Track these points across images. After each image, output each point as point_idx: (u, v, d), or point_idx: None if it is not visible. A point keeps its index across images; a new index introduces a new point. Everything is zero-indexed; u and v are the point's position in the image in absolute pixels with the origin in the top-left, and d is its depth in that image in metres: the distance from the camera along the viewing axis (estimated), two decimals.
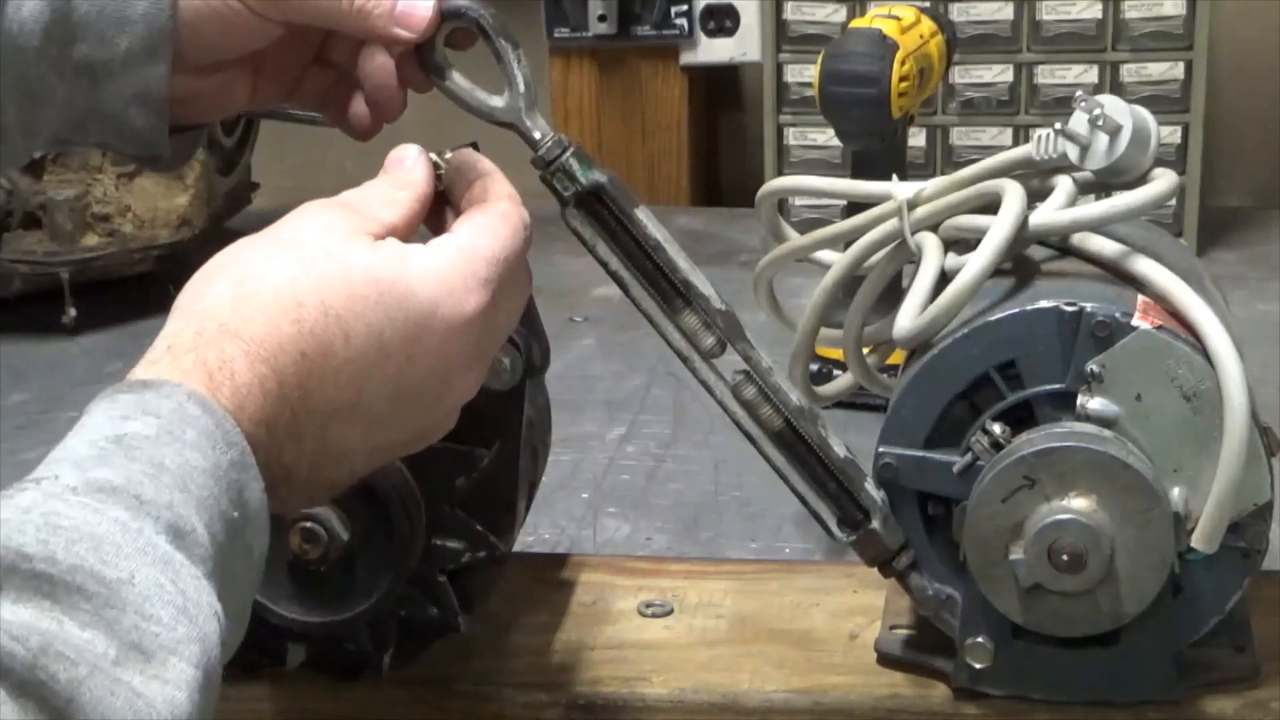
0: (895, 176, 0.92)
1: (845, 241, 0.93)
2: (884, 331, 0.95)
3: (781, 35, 1.83)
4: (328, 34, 0.79)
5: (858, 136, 1.34)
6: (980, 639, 0.83)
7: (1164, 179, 0.84)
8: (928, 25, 1.40)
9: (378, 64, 0.77)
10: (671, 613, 0.94)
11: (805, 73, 1.80)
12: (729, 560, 1.12)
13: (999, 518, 0.79)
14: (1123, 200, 0.83)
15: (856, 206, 0.94)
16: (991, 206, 0.85)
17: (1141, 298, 0.81)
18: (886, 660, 0.88)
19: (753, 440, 0.81)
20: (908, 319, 0.83)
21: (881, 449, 0.83)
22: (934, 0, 1.73)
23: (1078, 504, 0.78)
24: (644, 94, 2.09)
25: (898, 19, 1.36)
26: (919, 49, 1.35)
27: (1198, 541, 0.79)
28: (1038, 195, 0.87)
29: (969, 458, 0.81)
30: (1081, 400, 0.80)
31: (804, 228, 1.02)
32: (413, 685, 0.88)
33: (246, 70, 0.80)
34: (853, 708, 0.86)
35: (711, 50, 2.05)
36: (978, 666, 0.83)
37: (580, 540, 1.22)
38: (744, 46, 2.03)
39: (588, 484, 1.32)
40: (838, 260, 0.93)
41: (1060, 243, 0.87)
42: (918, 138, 1.80)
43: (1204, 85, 1.76)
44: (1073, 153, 0.85)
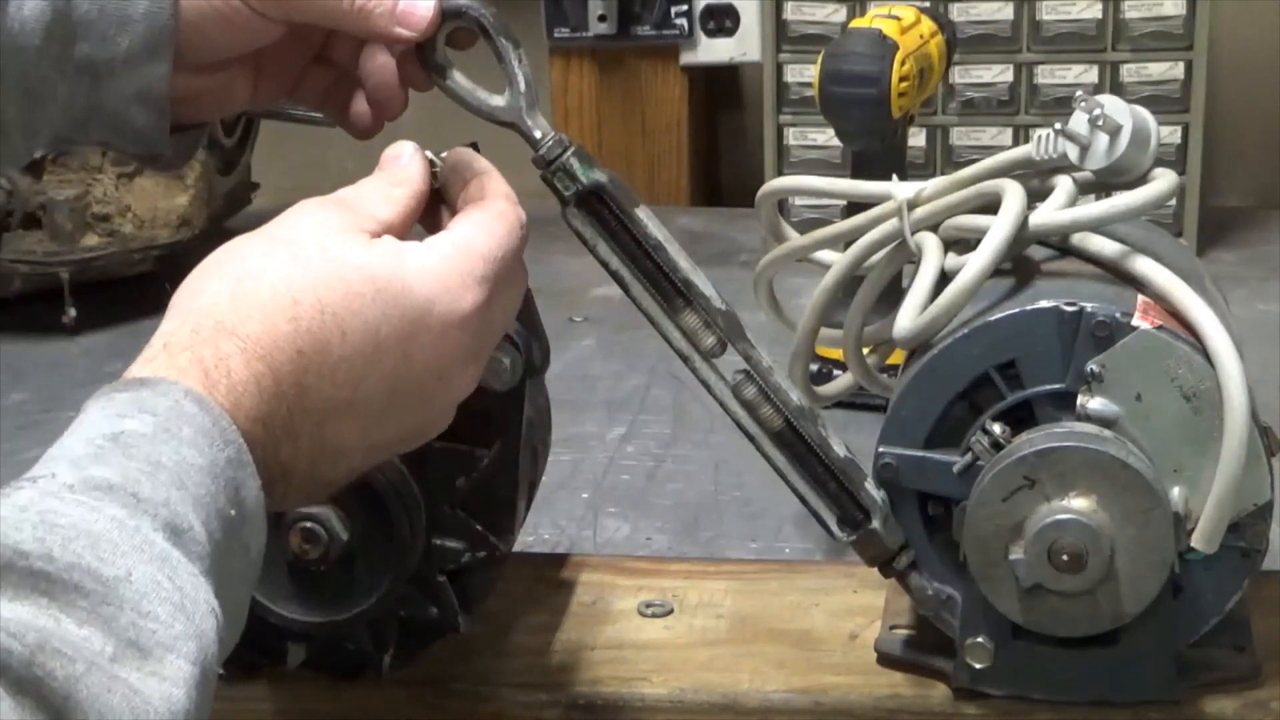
0: (895, 176, 0.92)
1: (845, 241, 0.93)
2: (884, 331, 0.95)
3: (781, 35, 1.83)
4: (329, 33, 0.79)
5: (858, 136, 1.34)
6: (980, 639, 0.83)
7: (1164, 179, 0.84)
8: (928, 25, 1.40)
9: (379, 63, 0.77)
10: (671, 613, 0.94)
11: (805, 73, 1.80)
12: (729, 560, 1.12)
13: (999, 518, 0.79)
14: (1123, 200, 0.83)
15: (856, 206, 0.94)
16: (991, 206, 0.85)
17: (1141, 298, 0.81)
18: (886, 660, 0.88)
19: (753, 440, 0.81)
20: (908, 319, 0.83)
21: (881, 449, 0.83)
22: (934, 0, 1.73)
23: (1078, 504, 0.78)
24: (644, 94, 2.09)
25: (898, 19, 1.36)
26: (919, 49, 1.35)
27: (1198, 541, 0.79)
28: (1038, 195, 0.87)
29: (969, 458, 0.81)
30: (1081, 400, 0.80)
31: (804, 228, 1.02)
32: (413, 685, 0.88)
33: (248, 69, 0.80)
34: (853, 708, 0.86)
35: (711, 50, 2.05)
36: (978, 666, 0.83)
37: (580, 540, 1.22)
38: (744, 46, 2.03)
39: (588, 484, 1.32)
40: (838, 260, 0.93)
41: (1060, 243, 0.86)
42: (918, 138, 1.80)
43: (1204, 85, 1.77)
44: (1073, 153, 0.85)
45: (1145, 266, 0.82)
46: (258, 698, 0.88)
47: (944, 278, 0.84)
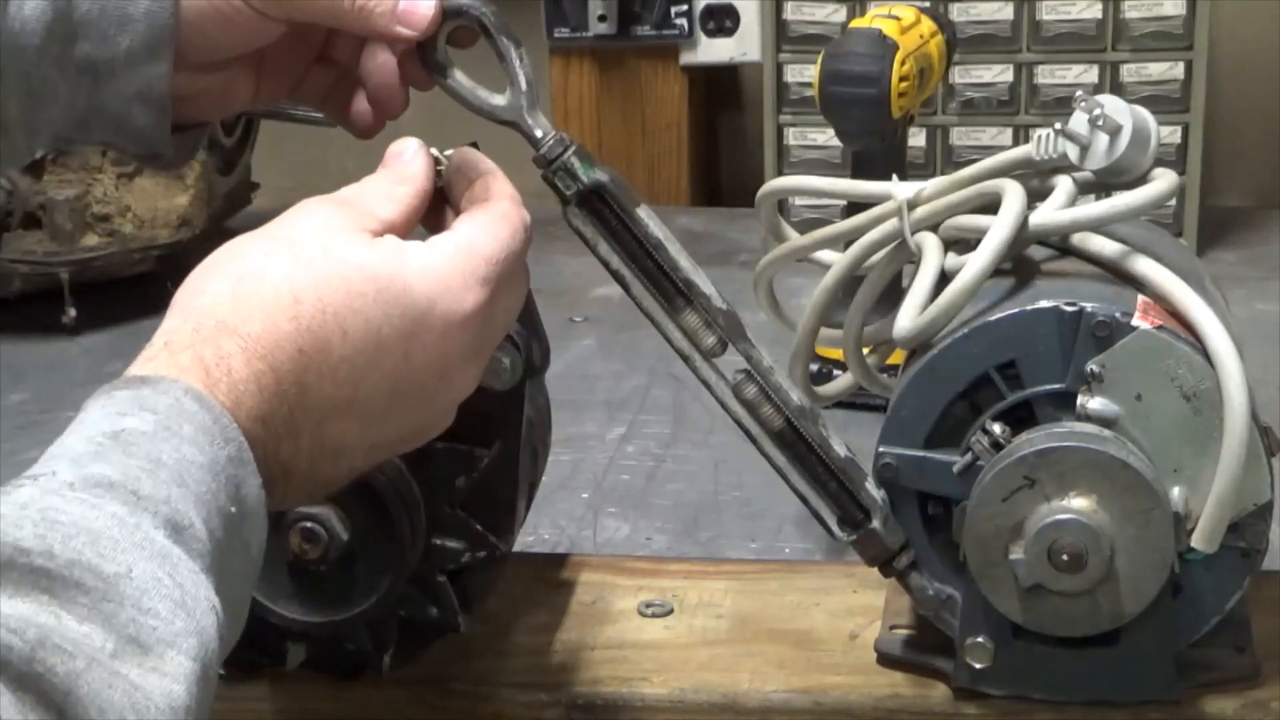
0: (895, 176, 0.92)
1: (845, 241, 0.93)
2: (884, 331, 0.95)
3: (781, 35, 1.83)
4: (330, 32, 0.79)
5: (858, 136, 1.34)
6: (980, 639, 0.83)
7: (1164, 179, 0.84)
8: (928, 25, 1.40)
9: (380, 62, 0.77)
10: (671, 613, 0.94)
11: (805, 73, 1.80)
12: (729, 560, 1.12)
13: (999, 518, 0.79)
14: (1123, 200, 0.83)
15: (856, 206, 0.94)
16: (991, 206, 0.85)
17: (1141, 298, 0.81)
18: (886, 660, 0.88)
19: (753, 439, 0.81)
20: (908, 319, 0.83)
21: (881, 449, 0.83)
22: (934, 0, 1.73)
23: (1078, 504, 0.78)
24: (644, 94, 2.09)
25: (898, 19, 1.36)
26: (919, 49, 1.35)
27: (1198, 541, 0.79)
28: (1038, 195, 0.87)
29: (969, 458, 0.81)
30: (1081, 400, 0.80)
31: (804, 228, 1.02)
32: (413, 685, 0.88)
33: (249, 68, 0.80)
34: (853, 708, 0.86)
35: (711, 50, 2.05)
36: (978, 666, 0.83)
37: (580, 540, 1.22)
38: (744, 46, 2.03)
39: (588, 484, 1.32)
40: (838, 260, 0.93)
41: (1060, 243, 0.86)
42: (918, 138, 1.80)
43: (1204, 85, 1.77)
44: (1073, 153, 0.85)
45: (1145, 266, 0.82)
46: (258, 698, 0.88)
47: (944, 278, 0.84)
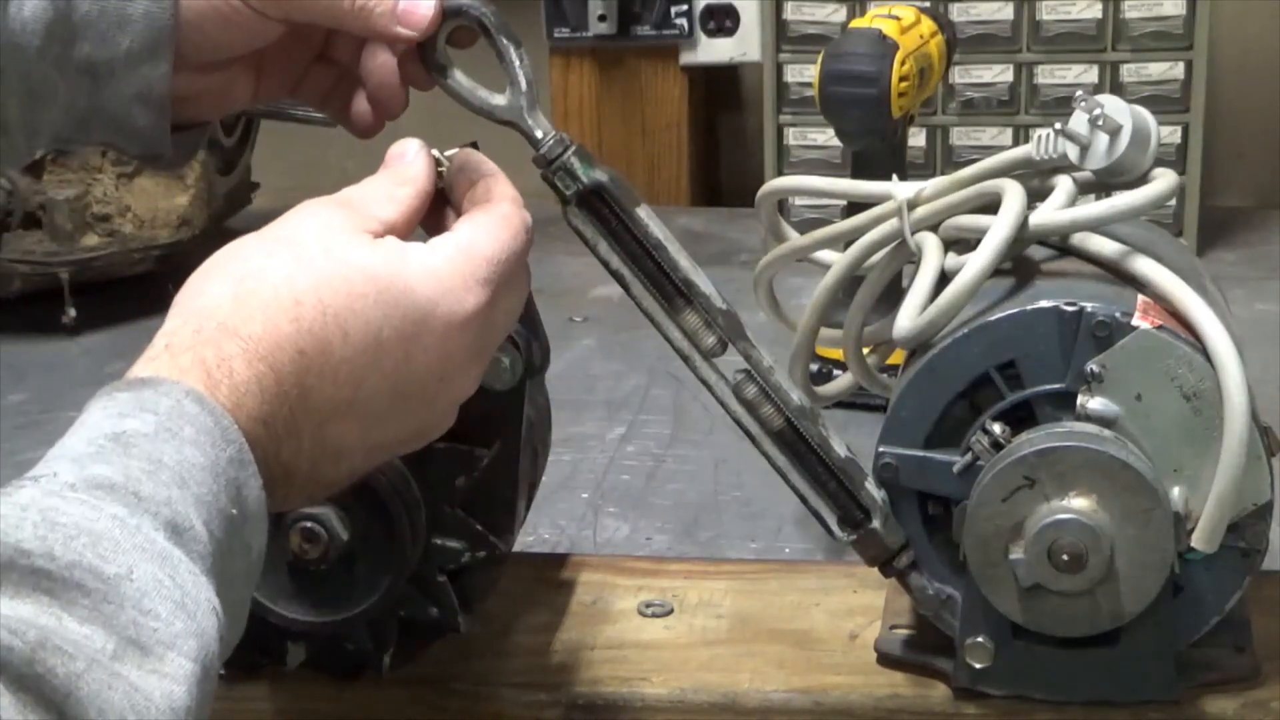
0: (895, 176, 0.92)
1: (845, 241, 0.93)
2: (884, 331, 0.95)
3: (781, 35, 1.83)
4: (330, 32, 0.79)
5: (858, 136, 1.34)
6: (980, 639, 0.83)
7: (1164, 179, 0.84)
8: (928, 25, 1.40)
9: (380, 62, 0.77)
10: (671, 613, 0.94)
11: (805, 73, 1.80)
12: (729, 560, 1.12)
13: (999, 518, 0.79)
14: (1123, 200, 0.83)
15: (856, 206, 0.94)
16: (991, 206, 0.85)
17: (1141, 298, 0.81)
18: (886, 660, 0.88)
19: (753, 439, 0.81)
20: (908, 319, 0.83)
21: (881, 449, 0.83)
22: (934, 0, 1.73)
23: (1078, 504, 0.78)
24: (644, 94, 2.09)
25: (898, 19, 1.36)
26: (919, 49, 1.35)
27: (1198, 541, 0.79)
28: (1038, 195, 0.87)
29: (969, 458, 0.81)
30: (1081, 400, 0.80)
31: (804, 228, 1.02)
32: (413, 685, 0.88)
33: (248, 68, 0.80)
34: (853, 708, 0.86)
35: (711, 50, 2.05)
36: (978, 666, 0.83)
37: (580, 540, 1.22)
38: (744, 46, 2.04)
39: (588, 484, 1.32)
40: (838, 260, 0.93)
41: (1060, 243, 0.86)
42: (918, 138, 1.80)
43: (1204, 85, 1.77)
44: (1073, 153, 0.85)
45: (1145, 266, 0.82)
46: (258, 698, 0.88)
47: (944, 278, 0.84)
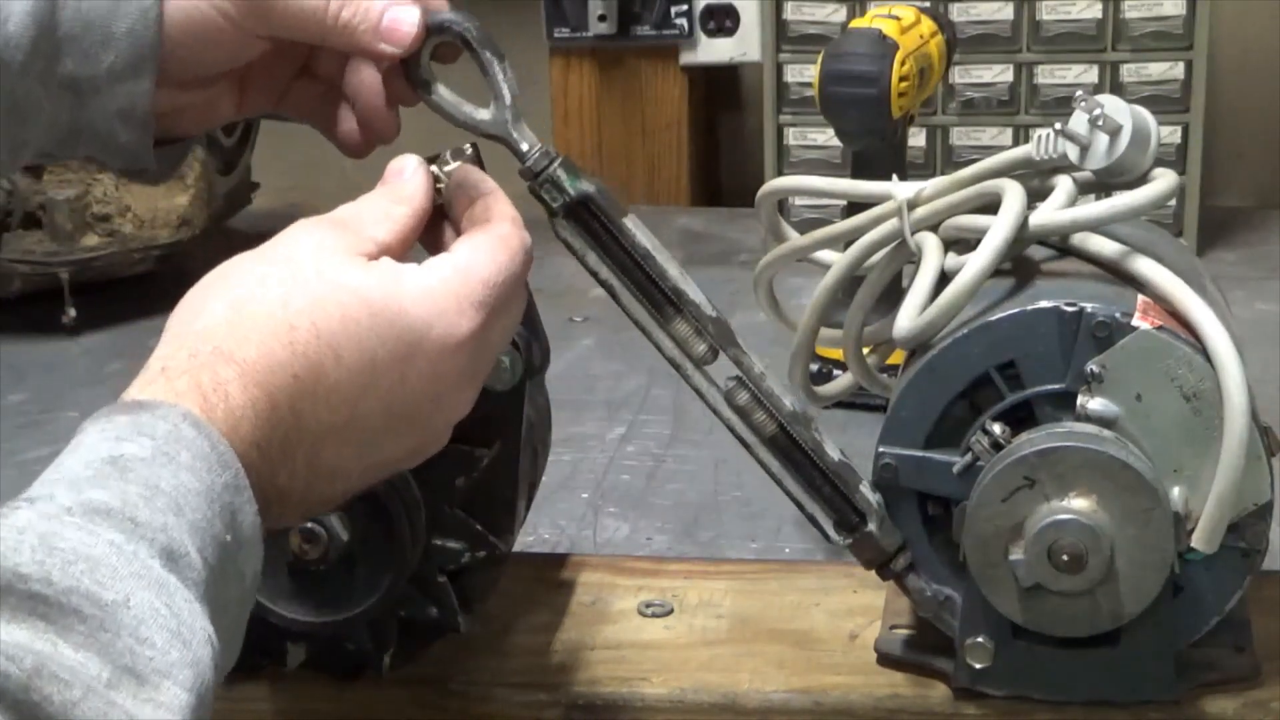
0: (895, 176, 0.92)
1: (845, 241, 0.93)
2: (884, 331, 0.95)
3: (781, 35, 1.82)
4: (313, 48, 0.79)
5: (858, 136, 1.34)
6: (980, 639, 0.83)
7: (1164, 179, 0.84)
8: (928, 25, 1.40)
9: (363, 78, 0.76)
10: (671, 613, 0.94)
11: (805, 73, 1.80)
12: (729, 560, 1.12)
13: (999, 518, 0.79)
14: (1123, 200, 0.83)
15: (856, 206, 0.94)
16: (991, 206, 0.85)
17: (1141, 298, 0.81)
18: (886, 660, 0.88)
19: (747, 446, 0.81)
20: (908, 319, 0.83)
21: (881, 449, 0.83)
22: (934, 0, 1.73)
23: (1078, 504, 0.78)
24: (644, 94, 2.09)
25: (898, 19, 1.36)
26: (919, 49, 1.35)
27: (1198, 541, 0.79)
28: (1038, 195, 0.87)
29: (969, 458, 0.81)
30: (1081, 400, 0.80)
31: (804, 228, 1.02)
32: (413, 685, 0.88)
33: (232, 83, 0.80)
34: (853, 708, 0.86)
35: (711, 50, 2.05)
36: (978, 666, 0.83)
37: (580, 540, 1.22)
38: (744, 46, 2.03)
39: (588, 484, 1.32)
40: (838, 260, 0.93)
41: (1060, 243, 0.87)
42: (918, 138, 1.80)
43: (1204, 85, 1.76)
44: (1073, 153, 0.85)
45: (1145, 266, 0.82)
46: (258, 698, 0.88)
47: (944, 278, 0.84)
